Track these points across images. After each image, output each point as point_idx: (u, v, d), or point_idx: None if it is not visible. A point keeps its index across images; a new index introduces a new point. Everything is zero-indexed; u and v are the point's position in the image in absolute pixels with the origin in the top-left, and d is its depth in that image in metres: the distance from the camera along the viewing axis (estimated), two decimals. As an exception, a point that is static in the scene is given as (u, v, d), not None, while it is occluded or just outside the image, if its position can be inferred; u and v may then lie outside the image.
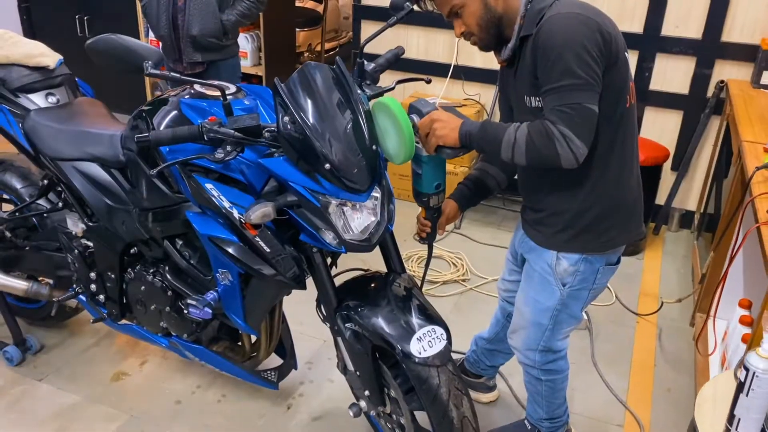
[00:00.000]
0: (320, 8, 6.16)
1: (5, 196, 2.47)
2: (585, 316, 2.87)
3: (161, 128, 1.79)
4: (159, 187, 1.89)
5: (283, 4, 4.86)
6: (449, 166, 3.90)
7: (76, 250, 2.20)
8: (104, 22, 5.12)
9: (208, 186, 1.73)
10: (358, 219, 1.71)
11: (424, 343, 1.70)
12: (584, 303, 1.89)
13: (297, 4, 5.66)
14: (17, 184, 2.37)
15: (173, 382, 2.46)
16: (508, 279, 2.13)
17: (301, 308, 2.28)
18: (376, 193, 1.72)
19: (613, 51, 1.58)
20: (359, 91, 1.74)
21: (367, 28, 4.12)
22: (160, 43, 3.36)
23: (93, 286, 2.21)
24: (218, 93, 1.84)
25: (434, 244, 2.01)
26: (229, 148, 1.64)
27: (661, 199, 3.69)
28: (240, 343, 2.18)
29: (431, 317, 1.76)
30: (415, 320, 1.73)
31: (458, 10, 1.67)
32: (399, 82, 1.99)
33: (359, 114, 1.67)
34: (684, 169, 3.63)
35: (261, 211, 1.64)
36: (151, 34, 4.94)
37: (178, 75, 1.61)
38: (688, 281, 3.30)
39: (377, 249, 1.82)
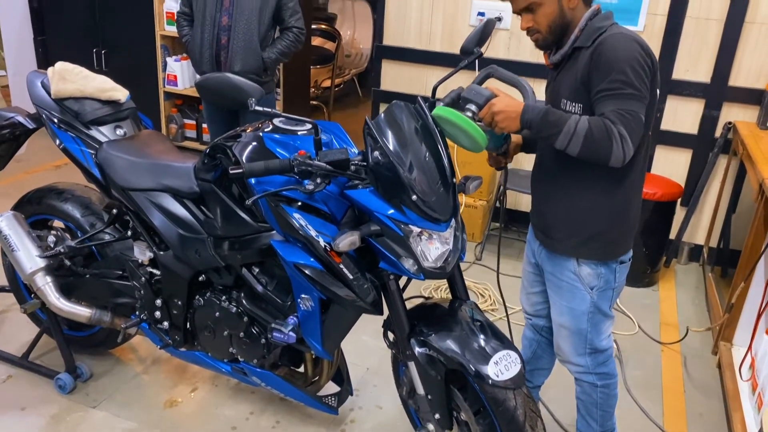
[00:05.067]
0: (328, 45, 6.35)
1: (63, 225, 2.52)
2: (615, 345, 2.98)
3: (245, 160, 1.89)
4: (240, 216, 1.98)
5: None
6: (469, 200, 4.04)
7: (142, 278, 2.26)
8: (122, 55, 5.21)
9: (296, 216, 1.83)
10: (434, 248, 1.82)
11: (501, 367, 1.79)
12: (611, 301, 2.04)
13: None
14: (77, 214, 2.43)
15: (226, 408, 2.50)
16: (532, 291, 2.24)
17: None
18: (453, 224, 1.83)
19: (654, 80, 1.78)
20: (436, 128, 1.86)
21: (388, 67, 4.28)
22: None
23: (158, 313, 2.26)
24: (294, 128, 1.97)
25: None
26: (318, 180, 1.74)
27: (671, 233, 3.86)
28: (301, 369, 2.25)
29: (504, 342, 1.85)
30: (490, 344, 1.83)
31: (534, 7, 1.82)
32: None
33: (440, 149, 1.80)
34: (693, 205, 3.82)
35: (348, 240, 1.74)
36: (169, 69, 5.07)
37: (277, 111, 1.72)
38: (704, 311, 3.45)
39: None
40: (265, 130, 1.96)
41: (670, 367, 2.97)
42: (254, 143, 1.93)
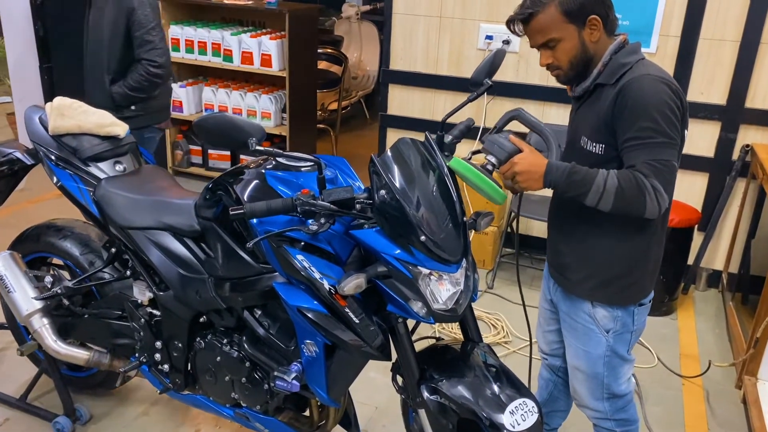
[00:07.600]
0: (334, 68, 6.31)
1: (61, 263, 2.45)
2: (633, 379, 2.86)
3: (246, 199, 1.81)
4: (241, 256, 1.90)
5: (307, 69, 4.98)
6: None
7: (142, 319, 2.17)
8: (127, 82, 5.17)
9: (299, 257, 1.74)
10: (445, 289, 1.73)
11: (517, 417, 1.69)
12: (629, 344, 1.94)
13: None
14: (76, 252, 2.35)
15: (229, 452, 2.41)
16: (548, 329, 2.14)
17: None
18: (464, 264, 1.74)
19: (684, 122, 1.68)
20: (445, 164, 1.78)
21: (395, 91, 4.22)
22: None
23: (158, 356, 2.18)
24: (298, 164, 1.89)
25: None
26: (322, 220, 1.66)
27: (689, 258, 3.74)
28: (306, 413, 2.15)
29: (520, 389, 1.76)
30: (505, 392, 1.73)
31: (554, 43, 1.71)
32: (474, 152, 2.02)
33: (450, 187, 1.72)
34: (711, 230, 3.71)
35: (354, 283, 1.65)
36: (174, 95, 5.03)
37: (280, 151, 1.64)
38: (725, 340, 3.33)
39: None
40: (267, 167, 1.89)
41: (692, 402, 2.85)
42: (256, 181, 1.85)
